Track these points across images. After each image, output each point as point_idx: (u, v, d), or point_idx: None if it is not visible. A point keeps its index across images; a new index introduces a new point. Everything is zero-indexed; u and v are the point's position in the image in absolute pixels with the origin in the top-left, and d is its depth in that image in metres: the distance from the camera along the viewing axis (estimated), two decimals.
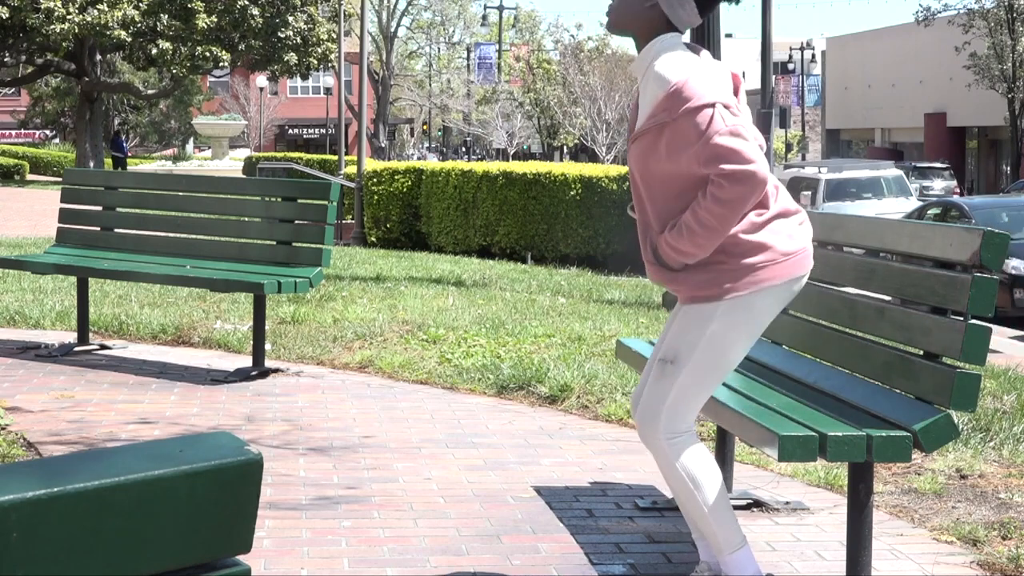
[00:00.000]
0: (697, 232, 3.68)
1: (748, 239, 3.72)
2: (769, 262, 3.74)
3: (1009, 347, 9.46)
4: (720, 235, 3.69)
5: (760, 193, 3.66)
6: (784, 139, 62.65)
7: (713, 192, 3.65)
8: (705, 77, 3.70)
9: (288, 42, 41.17)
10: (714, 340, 3.77)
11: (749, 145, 3.64)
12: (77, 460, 1.74)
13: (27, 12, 37.92)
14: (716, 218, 3.66)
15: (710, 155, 3.64)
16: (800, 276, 3.79)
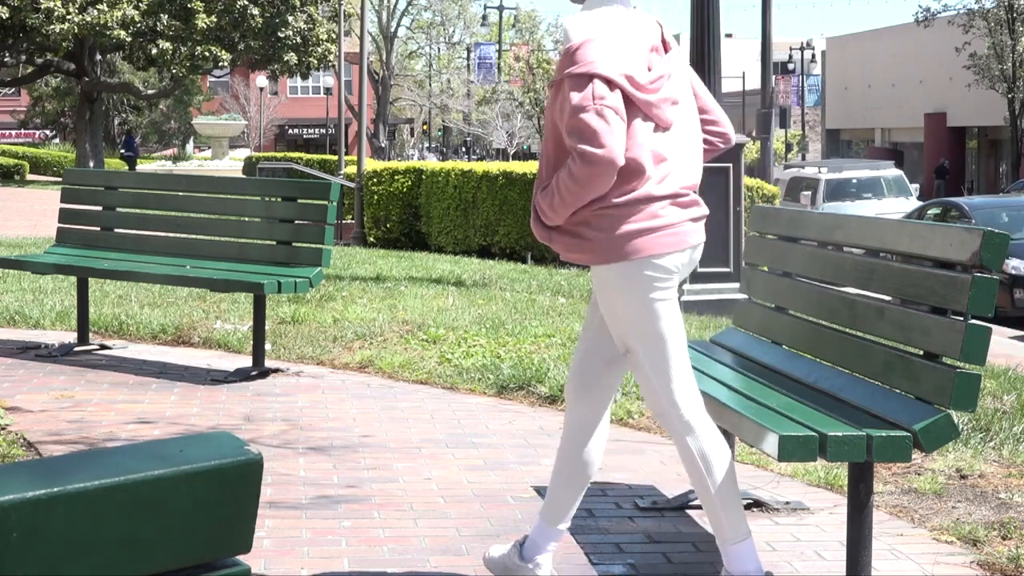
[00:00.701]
0: (554, 198, 3.69)
1: (609, 214, 3.68)
2: (631, 236, 3.69)
3: (1009, 347, 9.46)
4: (569, 207, 3.67)
5: (609, 178, 3.61)
6: (784, 139, 62.61)
7: (569, 165, 3.64)
8: (605, 45, 3.63)
9: (288, 42, 41.18)
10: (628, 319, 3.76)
11: (609, 128, 3.57)
12: (77, 460, 1.74)
13: (27, 12, 37.92)
14: (567, 190, 3.65)
15: (571, 128, 3.62)
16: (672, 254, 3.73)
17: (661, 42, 3.78)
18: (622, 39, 3.68)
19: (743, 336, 5.09)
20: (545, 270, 14.72)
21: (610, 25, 3.69)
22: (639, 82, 3.65)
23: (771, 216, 5.22)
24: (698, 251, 3.87)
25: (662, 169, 3.72)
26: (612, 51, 3.64)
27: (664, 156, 3.73)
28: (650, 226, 3.70)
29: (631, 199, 3.67)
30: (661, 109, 3.72)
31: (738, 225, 10.50)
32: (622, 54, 3.65)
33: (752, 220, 5.29)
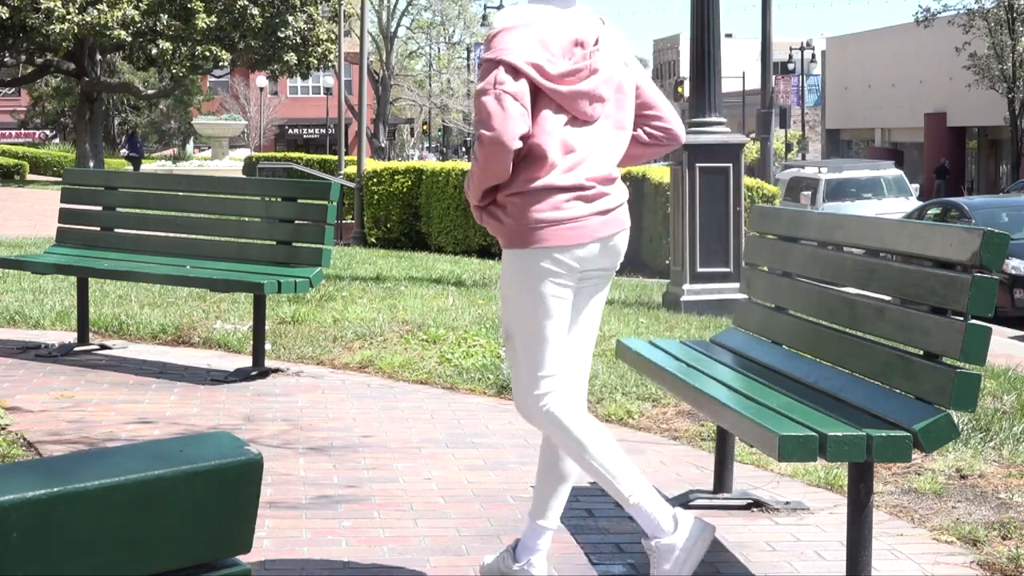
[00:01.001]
0: (470, 178, 3.83)
1: (515, 201, 3.76)
2: (526, 226, 3.76)
3: (1009, 347, 9.46)
4: (476, 186, 3.79)
5: (501, 160, 3.68)
6: (784, 139, 62.63)
7: (474, 146, 3.77)
8: (518, 35, 3.73)
9: (288, 42, 41.19)
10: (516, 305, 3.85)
11: (504, 113, 3.65)
12: (77, 460, 1.74)
13: (27, 12, 37.93)
14: (473, 171, 3.78)
15: (475, 109, 3.76)
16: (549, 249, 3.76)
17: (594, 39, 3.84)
18: (540, 31, 3.76)
19: (743, 336, 5.09)
20: None
21: (532, 18, 3.79)
22: (549, 73, 3.72)
23: (771, 216, 5.22)
24: (617, 239, 3.90)
25: (569, 160, 3.78)
26: (524, 41, 3.72)
27: (574, 147, 3.78)
28: (553, 217, 3.75)
29: (535, 187, 3.74)
30: (577, 102, 3.78)
31: (738, 225, 10.50)
32: (535, 45, 3.73)
33: (752, 220, 5.29)
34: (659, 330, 8.59)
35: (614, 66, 3.90)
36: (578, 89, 3.77)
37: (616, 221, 3.86)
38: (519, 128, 3.66)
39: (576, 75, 3.78)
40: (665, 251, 15.30)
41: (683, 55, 76.49)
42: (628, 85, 3.96)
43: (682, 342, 5.30)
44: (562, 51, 3.78)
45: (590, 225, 3.79)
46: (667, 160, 13.01)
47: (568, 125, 3.79)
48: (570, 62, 3.78)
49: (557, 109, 3.78)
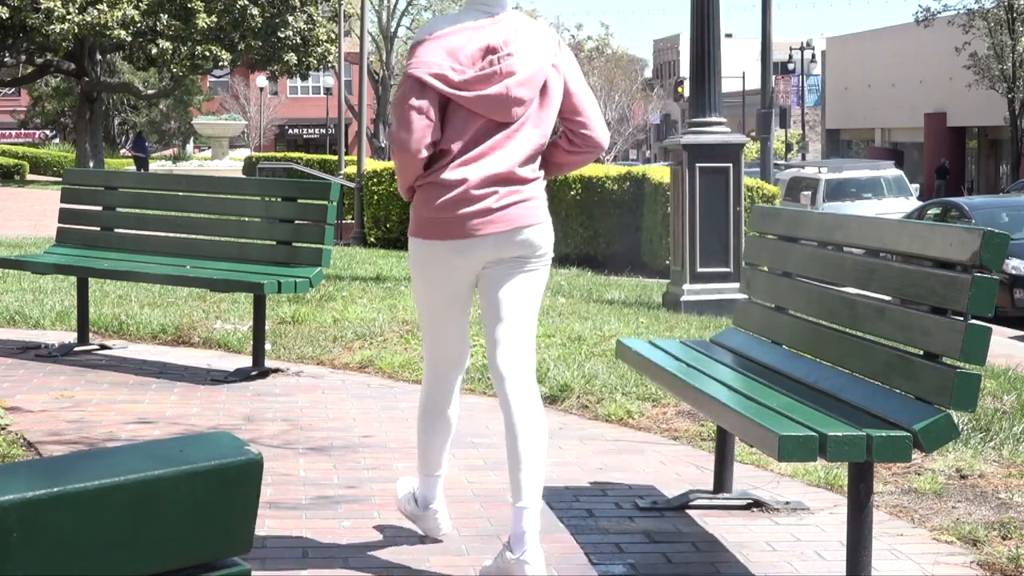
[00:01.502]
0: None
1: (417, 194, 4.13)
2: (416, 220, 4.12)
3: (1009, 347, 9.46)
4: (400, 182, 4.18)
5: (408, 163, 4.05)
6: (784, 139, 62.61)
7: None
8: (428, 48, 4.07)
9: (288, 42, 41.19)
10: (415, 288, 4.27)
11: (408, 123, 4.02)
12: (77, 460, 1.74)
13: (27, 12, 37.93)
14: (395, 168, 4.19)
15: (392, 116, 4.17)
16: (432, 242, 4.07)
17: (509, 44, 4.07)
18: (451, 41, 4.06)
19: (743, 336, 5.09)
20: None
21: (447, 28, 4.10)
22: (454, 81, 4.02)
23: (771, 216, 5.22)
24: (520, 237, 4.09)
25: (462, 159, 4.04)
26: (432, 53, 4.05)
27: (471, 147, 4.05)
28: (431, 213, 4.07)
29: (427, 183, 4.08)
30: (485, 105, 4.04)
31: (738, 225, 10.50)
32: (442, 56, 4.04)
33: (752, 220, 5.30)
34: (659, 330, 8.59)
35: (536, 68, 4.08)
36: (485, 94, 4.03)
37: (508, 219, 4.06)
38: (422, 138, 4.01)
39: (483, 81, 4.04)
40: (665, 251, 15.30)
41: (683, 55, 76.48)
42: (555, 86, 4.14)
43: (682, 342, 5.30)
44: (470, 59, 4.05)
45: (469, 224, 4.03)
46: (667, 160, 13.01)
47: (480, 126, 4.06)
48: (477, 69, 4.04)
49: (468, 112, 4.05)
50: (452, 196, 4.02)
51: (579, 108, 4.21)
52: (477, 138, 4.06)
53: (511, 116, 4.06)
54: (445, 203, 4.03)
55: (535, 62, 4.08)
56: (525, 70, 4.06)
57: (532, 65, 4.07)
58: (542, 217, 4.13)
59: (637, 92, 62.74)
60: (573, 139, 4.23)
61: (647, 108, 69.93)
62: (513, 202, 4.06)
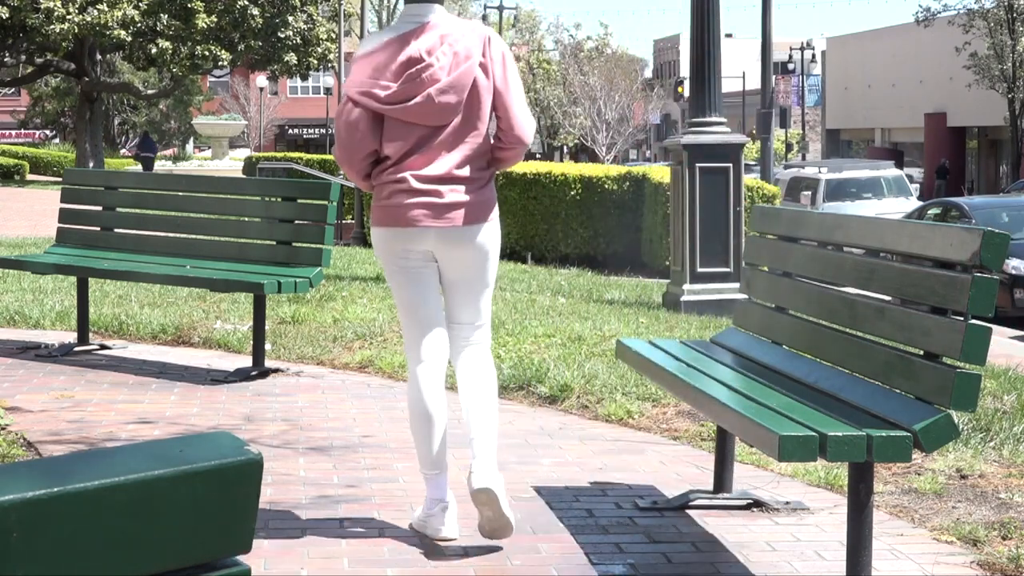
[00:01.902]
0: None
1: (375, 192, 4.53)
2: (373, 211, 4.51)
3: (1009, 347, 9.46)
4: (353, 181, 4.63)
5: (352, 171, 4.50)
6: (784, 139, 62.62)
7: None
8: (358, 67, 4.43)
9: (288, 42, 41.19)
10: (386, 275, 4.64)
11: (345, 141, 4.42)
12: (77, 460, 1.74)
13: (27, 12, 37.93)
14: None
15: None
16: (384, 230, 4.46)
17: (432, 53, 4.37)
18: (376, 59, 4.40)
19: (743, 336, 5.09)
20: (545, 270, 14.72)
21: (375, 46, 4.44)
22: (380, 96, 4.36)
23: (771, 216, 5.22)
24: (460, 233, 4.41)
25: (404, 161, 4.41)
26: (361, 72, 4.41)
27: (410, 151, 4.40)
28: (382, 205, 4.46)
29: (378, 183, 4.48)
30: (414, 115, 4.37)
31: (738, 225, 10.50)
32: (369, 73, 4.39)
33: (752, 220, 5.30)
34: (659, 330, 8.59)
35: (459, 72, 4.36)
36: (410, 106, 4.35)
37: (448, 216, 4.40)
38: (358, 149, 4.42)
39: (407, 93, 4.36)
40: (665, 251, 15.30)
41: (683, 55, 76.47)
42: (484, 86, 4.40)
43: (682, 342, 5.30)
44: (394, 74, 4.37)
45: (409, 215, 4.40)
46: (667, 160, 13.01)
47: (416, 132, 4.39)
48: (401, 82, 4.35)
49: (401, 123, 4.39)
50: (396, 192, 4.41)
51: (502, 105, 4.42)
52: (416, 143, 4.38)
53: (442, 120, 4.36)
54: (393, 198, 4.42)
55: (460, 66, 4.36)
56: (449, 76, 4.34)
57: (457, 70, 4.35)
58: (483, 216, 4.42)
59: (637, 92, 62.73)
60: (500, 136, 4.47)
61: (647, 108, 69.92)
62: (455, 202, 4.38)
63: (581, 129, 58.14)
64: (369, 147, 4.40)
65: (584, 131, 57.56)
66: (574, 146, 65.61)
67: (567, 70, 61.61)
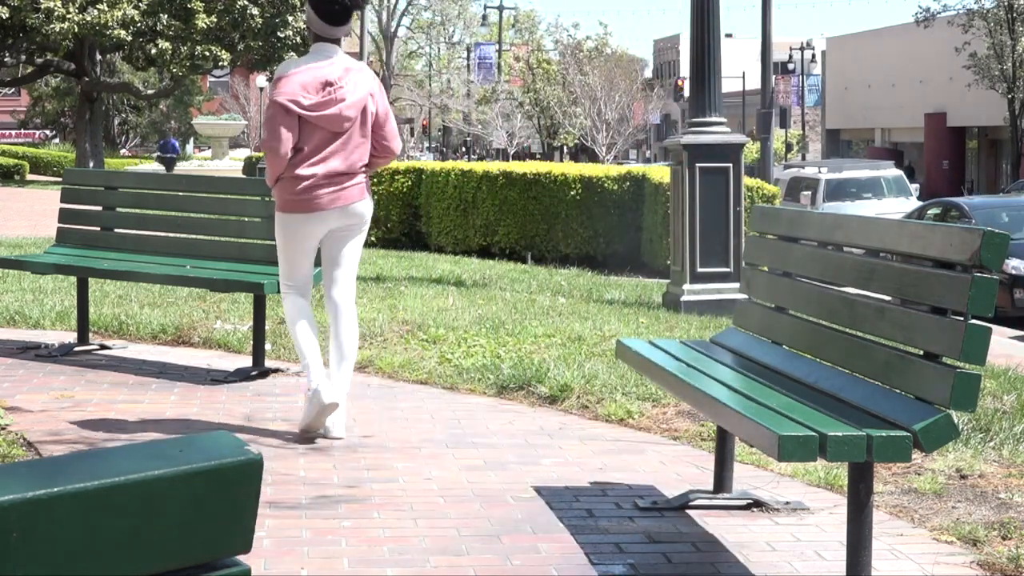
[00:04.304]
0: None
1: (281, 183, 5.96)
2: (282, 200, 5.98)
3: (1009, 347, 9.46)
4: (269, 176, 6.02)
5: (273, 161, 5.89)
6: (784, 139, 62.58)
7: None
8: (286, 81, 5.90)
9: (288, 42, 41.15)
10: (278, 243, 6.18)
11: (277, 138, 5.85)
12: (77, 460, 1.75)
13: (27, 12, 37.92)
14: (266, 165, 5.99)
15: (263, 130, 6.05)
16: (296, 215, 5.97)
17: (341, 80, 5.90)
18: (301, 77, 5.90)
19: (743, 336, 5.09)
20: (545, 270, 14.73)
21: (298, 68, 5.95)
22: (304, 104, 5.85)
23: (771, 216, 5.22)
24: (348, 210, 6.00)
25: (312, 158, 5.91)
26: (290, 85, 5.89)
27: (318, 151, 5.91)
28: (294, 196, 5.94)
29: (289, 176, 5.92)
30: (325, 122, 5.88)
31: (738, 225, 10.50)
32: (297, 87, 5.87)
33: (752, 220, 5.30)
34: (659, 330, 8.59)
35: (360, 96, 5.95)
36: (325, 114, 5.87)
37: (341, 197, 5.96)
38: (286, 144, 5.86)
39: (324, 105, 5.87)
40: (665, 251, 15.30)
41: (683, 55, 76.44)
42: (371, 109, 6.00)
43: (682, 342, 5.30)
44: (315, 89, 5.88)
45: (315, 202, 5.93)
46: (667, 160, 13.01)
47: (322, 136, 5.90)
48: (319, 97, 5.87)
49: (314, 126, 5.89)
50: (308, 184, 5.90)
51: (383, 126, 6.06)
52: (321, 144, 5.91)
53: (343, 128, 5.92)
54: (303, 188, 5.91)
55: (358, 93, 5.95)
56: (352, 97, 5.92)
57: (356, 94, 5.94)
58: (366, 195, 6.05)
59: (637, 92, 62.72)
60: (376, 146, 6.07)
61: (647, 108, 69.90)
62: (348, 186, 5.97)
63: (581, 129, 58.14)
64: (292, 141, 5.86)
65: (584, 131, 57.56)
66: (574, 146, 65.61)
67: (567, 70, 61.60)
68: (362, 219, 6.07)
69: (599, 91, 56.23)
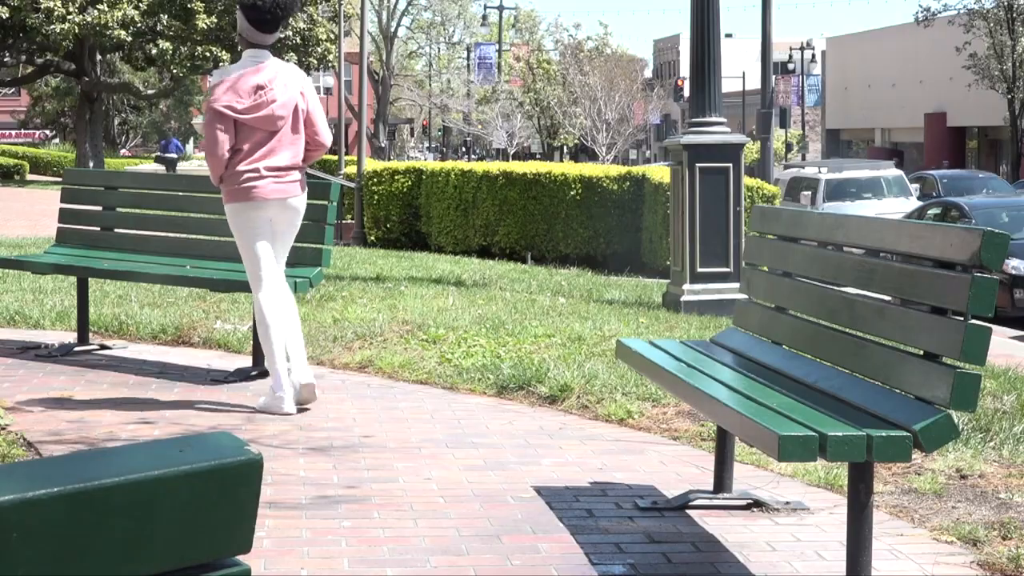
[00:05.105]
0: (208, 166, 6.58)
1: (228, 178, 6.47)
2: (229, 193, 6.49)
3: (1009, 347, 9.45)
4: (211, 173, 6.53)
5: (219, 163, 6.42)
6: (784, 139, 62.57)
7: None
8: (222, 87, 6.44)
9: (288, 42, 41.14)
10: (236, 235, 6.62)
11: (215, 141, 6.40)
12: (77, 460, 1.74)
13: (27, 12, 37.92)
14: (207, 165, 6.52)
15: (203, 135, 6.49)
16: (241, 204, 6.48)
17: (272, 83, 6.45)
18: (234, 82, 6.43)
19: (743, 336, 5.09)
20: (545, 270, 14.72)
21: (233, 75, 6.46)
22: (238, 108, 6.40)
23: (771, 216, 5.22)
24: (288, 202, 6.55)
25: (252, 156, 6.45)
26: (225, 91, 6.42)
27: (256, 148, 6.44)
28: (236, 188, 6.46)
29: (233, 171, 6.44)
30: (260, 122, 6.42)
31: (738, 225, 10.50)
32: (231, 92, 6.41)
33: (752, 220, 5.30)
34: (659, 330, 8.59)
35: (291, 96, 6.50)
36: (258, 115, 6.41)
37: (283, 191, 6.50)
38: (223, 147, 6.41)
39: (257, 107, 6.41)
40: (665, 251, 15.30)
41: (683, 55, 76.41)
42: (301, 107, 6.56)
43: (682, 342, 5.30)
44: (247, 93, 6.42)
45: (259, 193, 6.46)
46: (667, 160, 13.01)
47: (258, 135, 6.44)
48: (252, 100, 6.41)
49: (251, 128, 6.44)
50: (250, 176, 6.43)
51: (314, 123, 6.62)
52: (259, 143, 6.45)
53: (277, 127, 6.47)
54: (246, 179, 6.44)
55: (289, 93, 6.49)
56: (282, 98, 6.46)
57: (286, 95, 6.48)
58: (303, 190, 6.62)
59: (637, 92, 62.72)
60: (309, 141, 6.63)
61: (647, 108, 69.90)
62: (287, 180, 6.52)
63: (581, 129, 58.13)
64: (229, 143, 6.41)
65: (584, 131, 57.56)
66: (574, 146, 65.60)
67: (567, 70, 61.60)
68: (298, 214, 6.59)
69: (599, 91, 56.22)
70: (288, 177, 6.50)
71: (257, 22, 6.49)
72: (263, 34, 6.53)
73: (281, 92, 6.45)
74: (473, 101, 67.93)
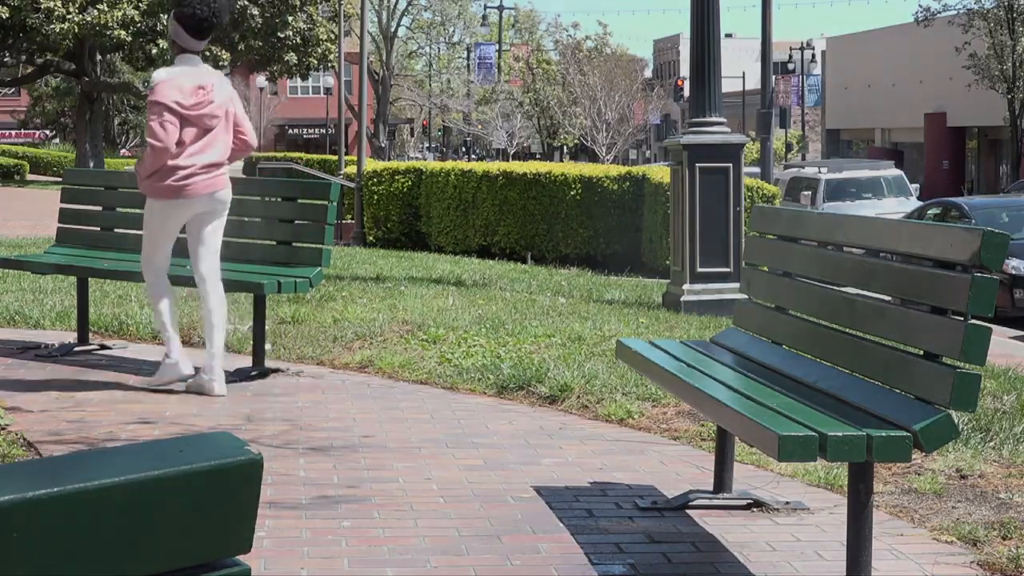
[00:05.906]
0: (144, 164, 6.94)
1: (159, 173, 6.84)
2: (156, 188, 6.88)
3: (1009, 347, 9.45)
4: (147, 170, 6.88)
5: (165, 156, 6.77)
6: (784, 139, 62.55)
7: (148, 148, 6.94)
8: (165, 85, 6.84)
9: (288, 42, 41.19)
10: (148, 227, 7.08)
11: (165, 133, 6.77)
12: (77, 460, 1.74)
13: (27, 12, 37.93)
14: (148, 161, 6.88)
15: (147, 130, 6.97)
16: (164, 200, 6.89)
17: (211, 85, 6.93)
18: (178, 81, 6.86)
19: (743, 336, 5.09)
20: (545, 270, 14.72)
21: (174, 74, 6.90)
22: (184, 104, 6.82)
23: (771, 216, 5.22)
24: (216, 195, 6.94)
25: (188, 151, 6.84)
26: (169, 88, 6.83)
27: (194, 145, 6.84)
28: (168, 184, 6.84)
29: (167, 167, 6.83)
30: (200, 120, 6.85)
31: (738, 225, 10.50)
32: (175, 90, 6.82)
33: (752, 220, 5.30)
34: (659, 330, 8.59)
35: (224, 98, 6.97)
36: (200, 113, 6.85)
37: (212, 184, 6.90)
38: (172, 139, 6.79)
39: (199, 105, 6.85)
40: (665, 251, 15.30)
41: (683, 55, 76.42)
42: (231, 110, 7.02)
43: (682, 342, 5.30)
44: (191, 92, 6.86)
45: (189, 188, 6.85)
46: (667, 160, 13.01)
47: (196, 132, 6.84)
48: (194, 98, 6.85)
49: (190, 124, 6.85)
50: (187, 172, 6.83)
51: (239, 123, 7.08)
52: (195, 139, 6.85)
53: (213, 125, 6.90)
54: (182, 176, 6.83)
55: (223, 95, 6.98)
56: (218, 99, 6.93)
57: (221, 96, 6.96)
58: (228, 184, 7.01)
59: (637, 92, 62.74)
60: (236, 141, 7.07)
61: (647, 108, 69.91)
62: (217, 175, 6.93)
63: (581, 129, 58.14)
64: (177, 136, 6.78)
65: (584, 131, 57.57)
66: (574, 146, 65.62)
67: (567, 70, 61.62)
68: (225, 205, 7.03)
69: (599, 91, 56.24)
70: (216, 172, 6.93)
71: (193, 29, 6.98)
72: (197, 40, 7.05)
73: (218, 94, 6.95)
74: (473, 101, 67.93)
